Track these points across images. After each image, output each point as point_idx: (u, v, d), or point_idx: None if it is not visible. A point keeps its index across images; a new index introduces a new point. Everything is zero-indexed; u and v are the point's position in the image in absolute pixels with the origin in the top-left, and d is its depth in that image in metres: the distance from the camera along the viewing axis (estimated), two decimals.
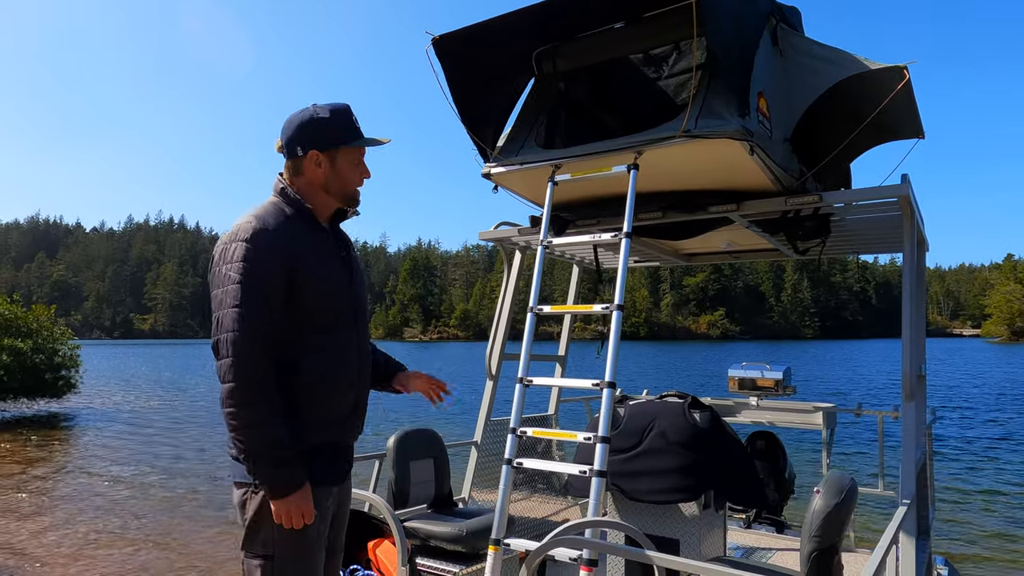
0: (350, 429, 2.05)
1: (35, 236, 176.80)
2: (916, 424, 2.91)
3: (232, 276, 1.80)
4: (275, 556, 1.86)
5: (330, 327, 1.97)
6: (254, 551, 1.87)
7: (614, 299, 2.69)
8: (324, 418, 1.94)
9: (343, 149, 2.02)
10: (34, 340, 16.70)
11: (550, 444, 4.89)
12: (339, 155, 2.02)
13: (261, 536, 1.87)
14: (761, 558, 4.25)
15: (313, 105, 2.03)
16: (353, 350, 2.03)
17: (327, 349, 1.95)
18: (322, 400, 1.93)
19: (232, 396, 1.75)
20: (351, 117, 2.04)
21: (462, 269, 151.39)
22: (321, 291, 1.94)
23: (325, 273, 1.98)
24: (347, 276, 2.07)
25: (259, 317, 1.79)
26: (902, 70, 2.85)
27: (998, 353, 56.25)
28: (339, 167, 2.02)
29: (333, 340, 1.97)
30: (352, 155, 2.04)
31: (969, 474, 10.28)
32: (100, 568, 5.90)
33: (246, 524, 1.88)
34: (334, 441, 2.00)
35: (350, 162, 2.04)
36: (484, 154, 3.38)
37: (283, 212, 1.96)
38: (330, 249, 2.04)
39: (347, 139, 2.02)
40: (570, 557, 2.31)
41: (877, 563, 1.69)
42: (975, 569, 6.07)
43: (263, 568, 1.86)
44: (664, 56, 3.68)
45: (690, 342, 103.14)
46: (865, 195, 3.00)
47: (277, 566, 1.86)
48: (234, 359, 1.75)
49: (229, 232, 1.89)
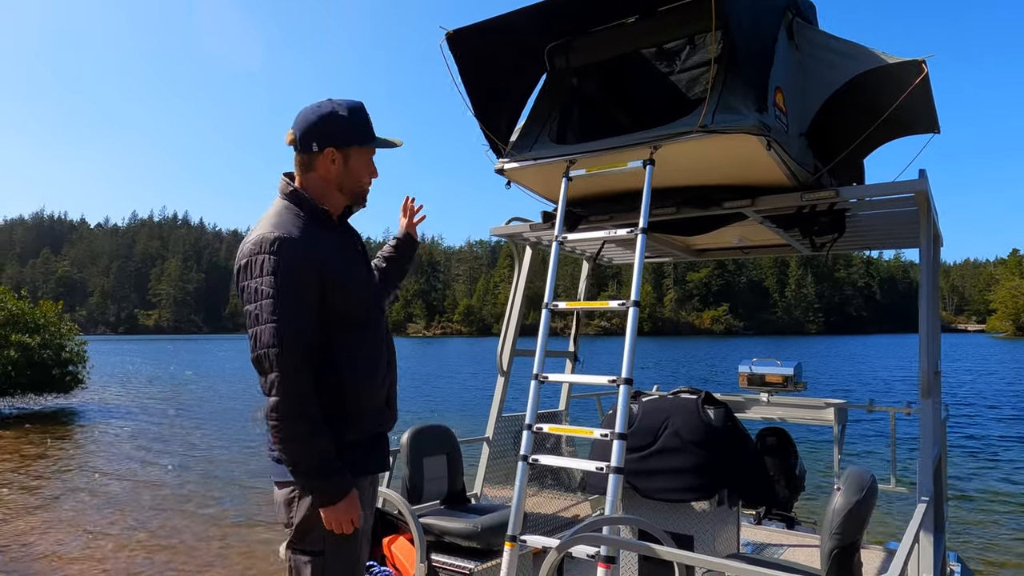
0: (385, 420, 2.07)
1: (40, 232, 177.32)
2: (933, 421, 2.90)
3: (264, 291, 1.79)
4: (325, 552, 1.89)
5: (362, 323, 1.98)
6: (303, 548, 1.90)
7: (630, 295, 2.67)
8: (363, 412, 1.95)
9: (357, 148, 2.01)
10: (42, 336, 16.76)
11: (559, 440, 4.89)
12: (353, 154, 2.01)
13: (312, 535, 1.89)
14: (773, 554, 4.25)
15: (330, 100, 2.00)
16: (383, 342, 2.05)
17: (362, 345, 1.96)
18: (361, 395, 1.94)
19: (277, 410, 1.77)
20: (367, 116, 2.03)
21: (465, 265, 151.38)
22: (350, 289, 1.95)
23: (351, 271, 1.99)
24: (366, 270, 2.09)
25: (298, 328, 1.80)
26: (920, 64, 2.83)
27: (1003, 349, 56.06)
28: (352, 166, 2.01)
29: (365, 335, 1.98)
30: (365, 155, 2.04)
31: (977, 471, 10.25)
32: (106, 565, 5.92)
33: (295, 523, 1.89)
34: (374, 433, 2.02)
35: (363, 161, 2.03)
36: (497, 150, 3.37)
37: (298, 216, 1.94)
38: (348, 246, 2.05)
39: (364, 139, 2.01)
40: (588, 554, 2.30)
41: (903, 562, 1.68)
42: (987, 567, 6.06)
43: (313, 564, 1.88)
44: (677, 51, 3.65)
45: (694, 338, 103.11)
46: (882, 190, 2.98)
47: (328, 562, 1.89)
48: (279, 374, 1.76)
49: (250, 244, 1.86)
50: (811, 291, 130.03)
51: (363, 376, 1.94)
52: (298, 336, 1.80)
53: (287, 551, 1.93)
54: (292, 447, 1.78)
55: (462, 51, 3.15)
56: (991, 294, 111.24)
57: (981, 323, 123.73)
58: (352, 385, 1.91)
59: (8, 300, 16.87)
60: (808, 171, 3.11)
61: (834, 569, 2.08)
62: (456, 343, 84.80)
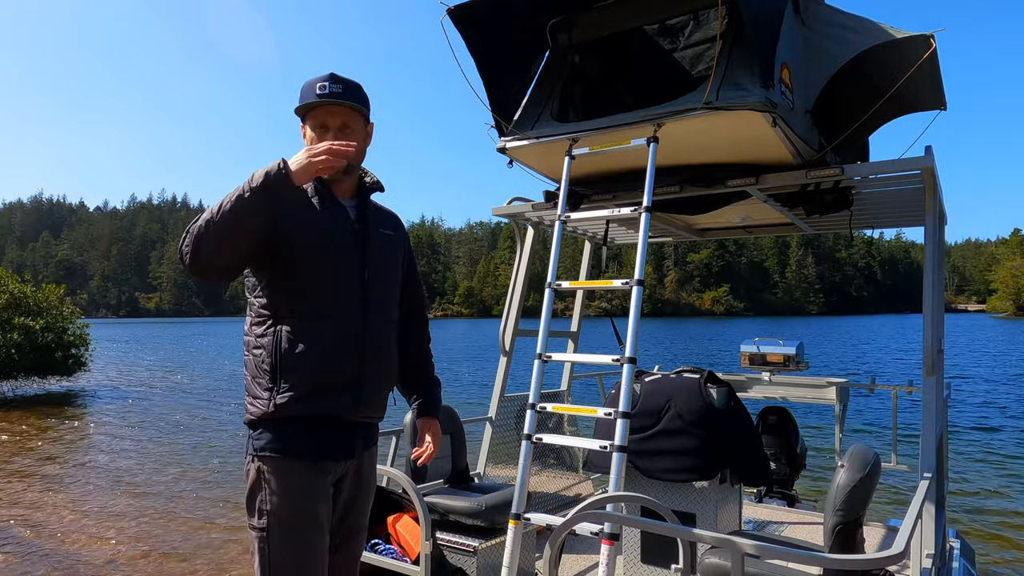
0: (345, 405, 1.94)
1: (39, 215, 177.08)
2: (936, 398, 2.90)
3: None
4: (268, 530, 1.86)
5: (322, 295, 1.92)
6: (253, 523, 1.89)
7: (633, 275, 2.66)
8: (306, 386, 1.87)
9: (307, 116, 1.98)
10: (44, 319, 16.79)
11: (561, 419, 4.91)
12: (307, 122, 1.98)
13: (257, 504, 1.88)
14: (774, 531, 4.28)
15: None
16: (358, 322, 1.95)
17: (310, 316, 1.90)
18: (304, 366, 1.87)
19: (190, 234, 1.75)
20: (318, 82, 1.95)
21: (465, 247, 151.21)
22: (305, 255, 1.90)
23: (320, 238, 1.93)
24: (356, 248, 2.00)
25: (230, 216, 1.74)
26: (928, 39, 2.79)
27: (1003, 329, 56.14)
28: (309, 135, 1.98)
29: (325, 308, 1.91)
30: (313, 121, 1.96)
31: (972, 447, 10.32)
32: (116, 546, 5.98)
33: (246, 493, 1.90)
34: (321, 414, 1.91)
35: (315, 127, 1.97)
36: (500, 128, 3.34)
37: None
38: (339, 218, 1.99)
39: (303, 103, 1.96)
40: (591, 531, 2.32)
41: (907, 537, 1.69)
42: (984, 544, 6.11)
43: (259, 540, 1.87)
44: (680, 27, 3.61)
45: (694, 318, 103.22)
46: (888, 167, 2.96)
47: (272, 539, 1.86)
48: (187, 233, 1.76)
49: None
50: (811, 272, 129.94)
51: (303, 346, 1.86)
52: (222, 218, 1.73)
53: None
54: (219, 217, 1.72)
55: (465, 26, 3.11)
56: (992, 274, 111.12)
57: (982, 303, 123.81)
58: (289, 353, 1.86)
59: (11, 284, 16.88)
60: (813, 149, 3.08)
61: (837, 544, 2.09)
62: (457, 324, 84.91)
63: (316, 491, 1.90)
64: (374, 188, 2.12)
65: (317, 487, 1.90)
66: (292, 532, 1.86)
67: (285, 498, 1.86)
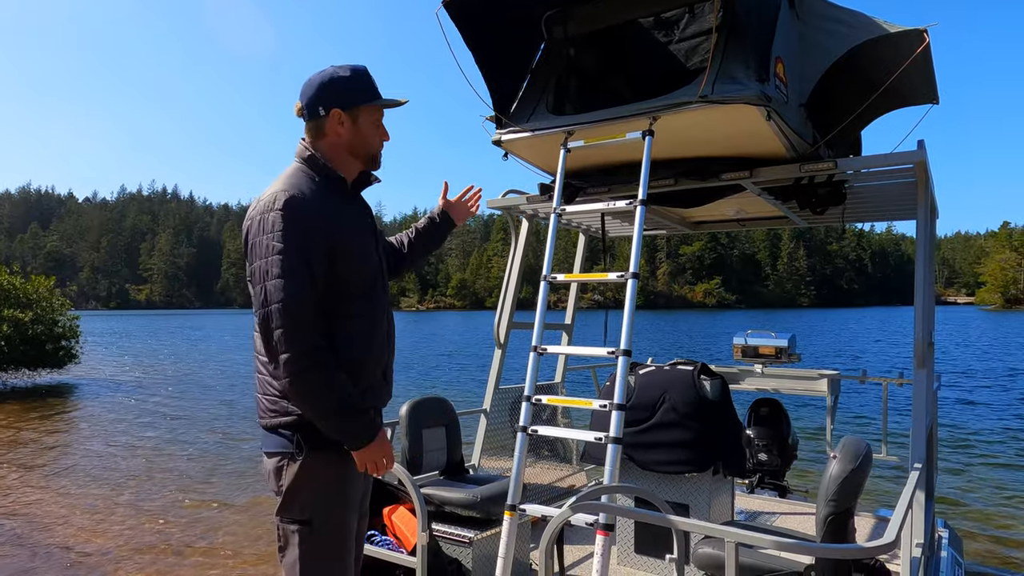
0: (381, 395, 2.06)
1: (27, 206, 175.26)
2: (927, 390, 2.94)
3: (274, 246, 1.78)
4: (313, 521, 1.89)
5: (367, 294, 1.97)
6: (291, 516, 1.90)
7: (628, 267, 2.67)
8: (360, 386, 1.93)
9: (364, 108, 2.00)
10: (34, 311, 16.66)
11: (555, 411, 4.94)
12: (361, 114, 2.00)
13: (298, 502, 1.89)
14: (766, 522, 4.33)
15: (332, 66, 2.00)
16: (384, 315, 2.05)
17: (363, 317, 1.95)
18: (359, 368, 1.93)
19: (290, 365, 1.75)
20: (371, 77, 2.03)
21: (458, 239, 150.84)
22: (357, 259, 1.95)
23: (360, 241, 1.98)
24: (375, 242, 2.08)
25: (305, 284, 1.78)
26: (922, 33, 2.80)
27: (991, 321, 56.64)
28: (361, 126, 2.00)
29: (368, 307, 1.97)
30: (373, 115, 2.03)
31: (960, 441, 10.43)
32: (109, 538, 5.98)
33: (283, 491, 1.89)
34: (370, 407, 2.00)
35: (371, 122, 2.02)
36: (498, 121, 3.34)
37: (312, 179, 1.94)
38: (360, 216, 2.05)
39: (369, 98, 2.00)
40: (586, 522, 2.34)
41: (898, 527, 1.72)
42: (971, 533, 6.19)
43: (300, 533, 1.89)
44: (676, 20, 3.61)
45: (686, 311, 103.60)
46: (881, 161, 2.98)
47: (315, 530, 1.89)
48: (285, 329, 1.75)
49: (263, 202, 1.86)
50: (803, 264, 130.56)
51: (361, 348, 1.93)
52: (305, 292, 1.78)
53: (276, 518, 1.94)
54: (312, 399, 1.78)
55: (462, 18, 3.10)
56: (981, 267, 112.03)
57: (971, 295, 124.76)
58: (349, 356, 1.89)
59: (0, 275, 16.74)
60: (807, 142, 3.10)
61: (829, 534, 2.12)
62: (450, 316, 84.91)
63: (357, 481, 1.99)
64: (373, 181, 2.13)
65: (357, 477, 1.99)
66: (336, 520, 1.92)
67: (333, 491, 1.91)
